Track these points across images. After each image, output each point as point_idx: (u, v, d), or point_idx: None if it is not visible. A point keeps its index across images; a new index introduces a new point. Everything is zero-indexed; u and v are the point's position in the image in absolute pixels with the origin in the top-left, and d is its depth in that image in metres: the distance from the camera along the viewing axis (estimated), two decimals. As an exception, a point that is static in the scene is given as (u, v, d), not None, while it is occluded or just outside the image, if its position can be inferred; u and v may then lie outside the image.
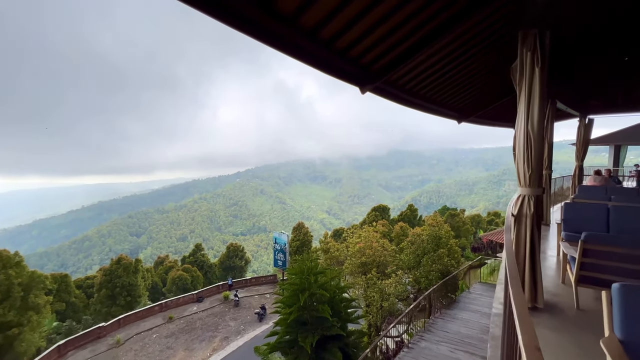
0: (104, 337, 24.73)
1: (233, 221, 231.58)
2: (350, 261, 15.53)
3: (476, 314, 12.07)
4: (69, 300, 34.75)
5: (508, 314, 2.23)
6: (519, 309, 1.50)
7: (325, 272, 8.94)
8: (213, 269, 47.53)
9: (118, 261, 33.42)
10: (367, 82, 5.21)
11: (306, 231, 42.37)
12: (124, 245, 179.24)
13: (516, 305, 1.55)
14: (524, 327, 1.36)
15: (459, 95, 8.16)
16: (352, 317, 9.37)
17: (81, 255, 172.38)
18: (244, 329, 25.03)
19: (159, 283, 43.48)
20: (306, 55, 3.88)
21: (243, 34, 3.06)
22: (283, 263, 31.74)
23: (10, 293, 23.32)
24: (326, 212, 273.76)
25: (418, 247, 16.42)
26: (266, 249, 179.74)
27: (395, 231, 29.85)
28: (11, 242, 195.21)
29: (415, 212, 47.07)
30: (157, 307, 29.20)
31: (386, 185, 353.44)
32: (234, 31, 2.91)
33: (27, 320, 24.17)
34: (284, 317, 8.25)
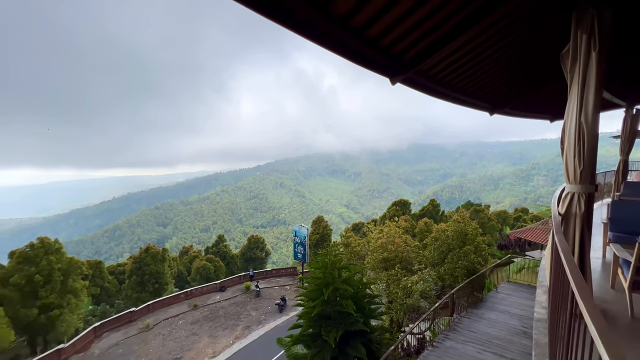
0: (135, 321, 26.14)
1: (253, 213, 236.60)
2: (372, 256, 15.36)
3: (504, 315, 11.59)
4: (102, 285, 36.99)
5: (569, 325, 2.03)
6: (598, 327, 1.32)
7: (349, 267, 8.87)
8: (234, 260, 48.87)
9: (146, 250, 35.03)
10: (398, 73, 4.97)
11: (325, 225, 42.47)
12: (151, 234, 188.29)
13: (594, 323, 1.36)
14: (609, 346, 1.18)
15: (493, 85, 7.70)
16: (375, 313, 9.27)
17: (113, 243, 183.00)
18: (265, 319, 25.61)
19: (184, 272, 45.31)
20: (337, 44, 3.73)
21: (272, 21, 2.96)
22: (303, 256, 32.04)
23: (51, 277, 25.11)
24: (345, 206, 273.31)
25: (443, 244, 15.95)
26: (285, 242, 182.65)
27: (419, 227, 29.22)
28: (51, 230, 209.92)
29: (438, 208, 45.89)
30: (183, 294, 30.44)
31: (406, 179, 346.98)
32: (252, 20, 2.83)
33: (67, 302, 25.97)
34: (307, 311, 8.28)
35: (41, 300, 24.50)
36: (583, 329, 1.71)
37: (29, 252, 24.98)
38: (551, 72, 7.04)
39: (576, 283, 1.80)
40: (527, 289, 14.38)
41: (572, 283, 1.86)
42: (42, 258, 25.04)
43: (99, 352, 22.05)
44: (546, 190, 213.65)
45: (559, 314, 2.64)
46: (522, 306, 12.32)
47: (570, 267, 2.03)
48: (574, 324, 1.97)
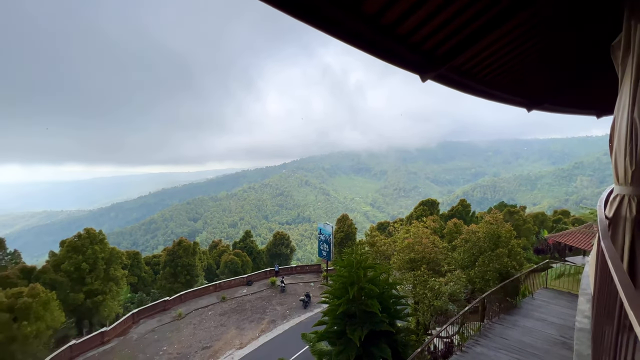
0: (168, 309, 27.70)
1: (279, 210, 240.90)
2: (398, 256, 15.10)
3: (541, 323, 10.94)
4: (140, 275, 39.53)
5: (617, 337, 1.90)
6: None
7: (375, 267, 8.80)
8: (261, 255, 50.11)
9: (179, 243, 36.90)
10: (429, 70, 4.83)
11: (350, 223, 42.31)
12: (183, 228, 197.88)
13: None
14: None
15: (532, 79, 7.26)
16: (400, 314, 9.13)
17: (149, 235, 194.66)
18: (290, 314, 26.08)
19: (213, 265, 47.22)
20: (366, 43, 3.70)
21: (302, 22, 3.00)
22: (327, 254, 32.17)
23: (96, 265, 27.24)
24: (370, 205, 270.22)
25: (473, 246, 15.31)
26: (310, 239, 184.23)
27: (448, 228, 28.21)
28: (94, 222, 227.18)
29: (468, 208, 44.05)
30: (212, 287, 31.75)
31: (435, 178, 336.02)
32: (278, 18, 2.89)
33: (109, 289, 28.08)
34: (332, 308, 8.34)
35: (87, 286, 26.69)
36: (632, 342, 1.60)
37: (77, 242, 27.27)
38: (599, 65, 6.51)
39: (625, 292, 1.67)
40: (566, 297, 13.47)
41: (620, 292, 1.73)
42: (88, 247, 27.22)
43: (137, 337, 23.62)
44: (591, 191, 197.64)
45: (605, 324, 2.46)
46: (561, 315, 11.57)
47: (619, 275, 1.89)
48: (622, 336, 1.84)
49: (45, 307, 20.64)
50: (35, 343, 20.01)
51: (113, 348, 22.27)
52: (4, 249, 30.64)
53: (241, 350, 21.20)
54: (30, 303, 19.79)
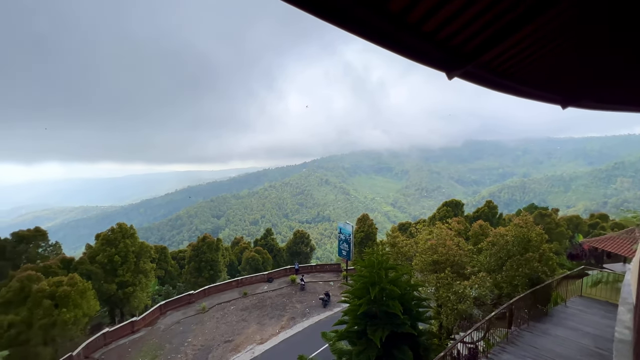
0: (193, 303, 28.75)
1: (299, 209, 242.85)
2: (421, 258, 14.76)
3: (575, 333, 10.33)
4: (166, 268, 41.31)
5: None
6: None
7: (396, 268, 8.68)
8: (281, 253, 50.81)
9: (203, 239, 38.18)
10: (456, 67, 4.68)
11: (370, 223, 41.91)
12: (207, 225, 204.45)
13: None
14: None
15: (568, 74, 6.84)
16: (423, 317, 8.95)
17: (175, 231, 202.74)
18: (309, 313, 26.26)
19: (235, 261, 48.45)
20: (392, 41, 3.65)
21: (326, 22, 3.01)
22: (347, 253, 32.07)
23: (127, 258, 28.78)
24: (391, 205, 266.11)
25: (501, 249, 14.67)
26: (329, 238, 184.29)
27: (473, 230, 27.22)
28: (125, 217, 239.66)
29: (495, 210, 42.31)
30: (234, 282, 32.60)
31: (459, 178, 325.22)
32: (300, 16, 2.88)
33: (139, 281, 29.57)
34: (352, 308, 8.32)
35: (119, 277, 28.26)
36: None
37: (110, 236, 28.93)
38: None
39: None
40: (603, 306, 12.63)
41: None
42: (120, 241, 28.81)
43: (164, 327, 24.73)
44: (633, 194, 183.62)
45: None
46: (597, 325, 10.87)
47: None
48: None
49: (82, 296, 22.08)
50: (73, 329, 21.46)
51: (142, 337, 23.45)
52: (46, 240, 33.07)
53: (261, 345, 21.63)
54: (69, 291, 21.24)
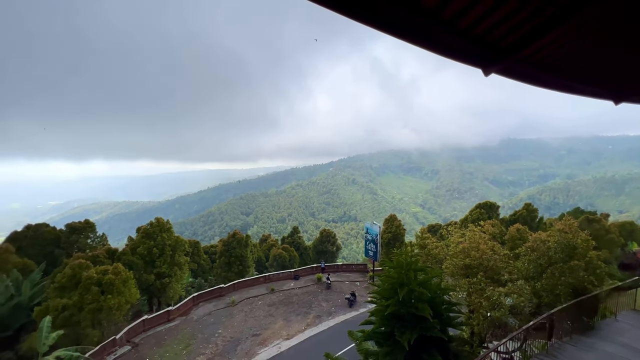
0: (223, 296, 29.93)
1: (325, 208, 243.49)
2: (451, 261, 14.21)
3: (626, 350, 9.44)
4: (199, 262, 43.33)
5: None
6: None
7: (426, 270, 8.45)
8: (307, 251, 51.32)
9: (233, 235, 39.54)
10: (493, 63, 4.46)
11: (398, 224, 41.04)
12: (236, 222, 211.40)
13: None
14: None
15: (622, 66, 6.26)
16: (453, 322, 8.64)
17: (207, 227, 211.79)
18: (335, 312, 26.31)
19: (263, 258, 49.70)
20: (425, 39, 3.58)
21: (357, 22, 3.00)
22: (374, 254, 31.69)
23: (164, 251, 30.57)
24: (420, 206, 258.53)
25: (542, 255, 13.72)
26: (356, 238, 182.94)
27: (510, 234, 25.63)
28: (162, 212, 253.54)
29: (534, 213, 39.64)
30: (262, 278, 33.46)
31: (494, 179, 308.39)
32: (327, 17, 2.86)
33: (174, 273, 31.30)
34: (380, 309, 8.23)
35: (156, 269, 30.10)
36: None
37: (149, 229, 30.89)
38: None
39: None
40: None
41: None
42: (158, 235, 30.66)
43: (197, 318, 26.00)
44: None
45: None
46: None
47: None
48: None
49: (124, 284, 23.82)
50: (117, 314, 23.22)
51: (177, 326, 24.84)
52: (94, 232, 36.06)
53: (288, 341, 22.03)
54: (113, 279, 23.01)
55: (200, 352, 21.16)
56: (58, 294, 22.47)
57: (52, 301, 21.85)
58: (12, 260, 28.84)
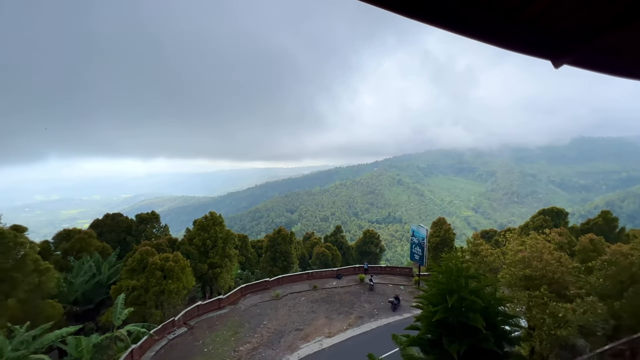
0: (268, 289, 31.23)
1: (369, 208, 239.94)
2: (509, 271, 13.00)
3: None
4: (247, 255, 45.77)
5: None
6: None
7: (479, 278, 7.88)
8: (350, 251, 51.12)
9: (279, 231, 41.00)
10: (564, 53, 4.03)
11: (448, 228, 38.78)
12: (281, 219, 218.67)
13: None
14: None
15: None
16: (510, 336, 7.93)
17: (254, 222, 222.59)
18: (377, 314, 25.85)
19: (306, 255, 50.71)
20: (485, 31, 3.36)
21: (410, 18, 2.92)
22: (420, 258, 30.42)
23: (216, 243, 32.89)
24: (472, 210, 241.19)
25: (622, 271, 11.90)
26: (400, 240, 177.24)
27: (581, 244, 22.54)
28: (215, 207, 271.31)
29: (614, 223, 34.50)
30: (305, 275, 34.18)
31: (562, 182, 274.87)
32: (371, 9, 2.81)
33: (225, 264, 33.51)
34: (426, 315, 7.89)
35: (209, 259, 32.51)
36: None
37: (204, 222, 33.49)
38: None
39: None
40: None
41: None
42: (212, 228, 33.09)
43: (244, 308, 27.54)
44: None
45: None
46: None
47: None
48: None
49: (182, 271, 26.18)
50: (176, 298, 25.64)
51: (226, 313, 26.57)
52: (159, 223, 40.20)
53: (329, 338, 22.23)
54: (173, 266, 25.44)
55: (246, 340, 22.38)
56: (129, 276, 25.52)
57: (124, 282, 24.89)
58: (94, 244, 33.48)
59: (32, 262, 21.22)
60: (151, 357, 20.66)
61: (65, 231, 34.81)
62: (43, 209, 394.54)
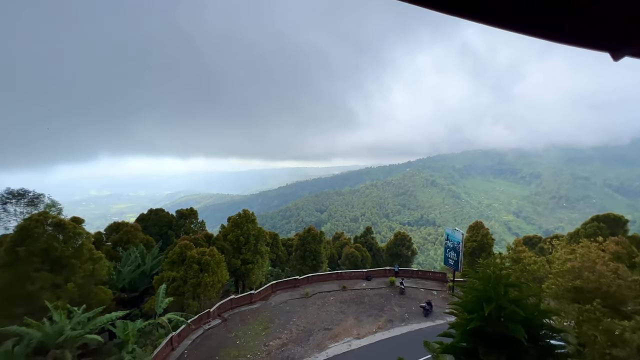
0: (298, 287, 31.68)
1: (401, 210, 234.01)
2: (555, 281, 11.96)
3: None
4: (277, 253, 46.82)
5: None
6: None
7: (521, 287, 7.36)
8: (380, 253, 50.25)
9: (308, 231, 41.43)
10: (626, 44, 3.65)
11: (485, 232, 36.73)
12: (311, 218, 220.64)
13: None
14: None
15: None
16: (556, 352, 7.32)
17: (284, 221, 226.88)
18: (408, 319, 25.14)
19: (335, 255, 50.68)
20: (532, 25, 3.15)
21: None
22: (455, 263, 29.09)
23: (249, 240, 34.03)
24: (513, 214, 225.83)
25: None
26: (433, 244, 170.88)
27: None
28: (247, 205, 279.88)
29: (684, 233, 30.45)
30: (334, 275, 34.19)
31: (621, 186, 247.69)
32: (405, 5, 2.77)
33: (256, 260, 34.56)
34: (461, 322, 7.53)
35: (242, 255, 33.71)
36: None
37: (237, 219, 34.80)
38: None
39: None
40: None
41: None
42: (244, 225, 34.29)
43: (274, 304, 28.20)
44: None
45: None
46: None
47: None
48: None
49: (218, 266, 27.43)
50: (211, 291, 26.92)
51: (258, 308, 27.39)
52: (196, 219, 42.47)
53: (358, 340, 22.04)
54: (209, 260, 26.74)
55: (277, 335, 22.90)
56: (169, 268, 27.25)
57: (165, 273, 26.63)
58: (140, 236, 36.18)
59: (87, 251, 23.46)
60: (188, 345, 21.90)
61: (115, 224, 38.07)
62: (97, 203, 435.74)
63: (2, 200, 31.36)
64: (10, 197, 31.69)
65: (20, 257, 20.24)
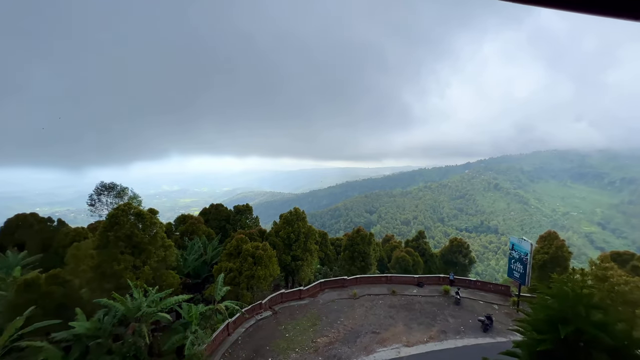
0: (346, 287, 31.61)
1: (457, 215, 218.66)
2: (655, 307, 10.00)
3: None
4: (326, 252, 47.30)
5: None
6: None
7: (607, 310, 6.28)
8: (433, 259, 47.55)
9: (357, 231, 41.05)
10: None
11: (561, 244, 32.31)
12: (360, 219, 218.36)
13: None
14: None
15: None
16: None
17: (333, 220, 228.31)
18: (464, 332, 23.33)
19: (385, 258, 49.37)
20: None
21: None
22: (521, 276, 26.14)
23: (299, 237, 35.00)
24: (598, 225, 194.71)
25: None
26: (495, 253, 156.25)
27: None
28: (298, 204, 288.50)
29: None
30: (383, 278, 33.33)
31: None
32: None
33: (306, 258, 35.38)
34: (529, 342, 6.71)
35: (292, 251, 34.80)
36: None
37: (289, 217, 36.03)
38: None
39: None
40: None
41: None
42: (295, 222, 35.35)
43: (322, 302, 28.56)
44: None
45: None
46: None
47: None
48: None
49: (270, 260, 28.76)
50: (264, 283, 28.33)
51: (306, 305, 28.03)
52: (252, 214, 45.09)
53: (408, 348, 21.17)
54: (262, 254, 28.17)
55: (324, 333, 23.16)
56: (227, 259, 29.38)
57: (224, 263, 28.78)
58: (202, 229, 39.71)
59: (160, 239, 26.54)
60: (242, 332, 23.38)
61: (182, 216, 42.43)
62: (168, 197, 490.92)
63: (97, 191, 37.27)
64: (103, 189, 37.48)
65: (110, 241, 23.75)
